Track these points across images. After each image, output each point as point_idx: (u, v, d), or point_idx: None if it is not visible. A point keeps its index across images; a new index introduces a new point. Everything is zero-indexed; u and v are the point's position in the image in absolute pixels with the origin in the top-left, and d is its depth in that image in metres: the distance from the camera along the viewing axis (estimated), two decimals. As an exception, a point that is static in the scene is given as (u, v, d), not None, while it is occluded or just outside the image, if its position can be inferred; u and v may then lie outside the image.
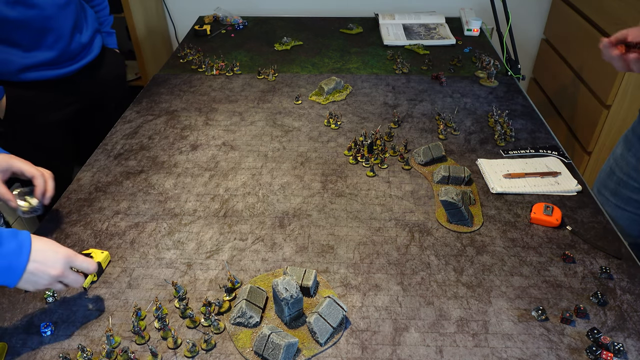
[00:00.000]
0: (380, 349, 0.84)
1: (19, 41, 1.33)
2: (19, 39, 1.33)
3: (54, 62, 1.42)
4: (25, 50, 1.36)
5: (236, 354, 0.83)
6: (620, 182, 1.15)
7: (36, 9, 1.31)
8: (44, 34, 1.36)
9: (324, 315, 0.84)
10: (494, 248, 1.04)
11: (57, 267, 0.82)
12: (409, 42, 2.00)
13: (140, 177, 1.26)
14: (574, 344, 0.84)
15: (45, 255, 0.82)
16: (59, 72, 1.45)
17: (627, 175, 1.13)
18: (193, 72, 1.79)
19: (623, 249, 1.03)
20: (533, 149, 1.35)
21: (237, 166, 1.30)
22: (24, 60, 1.36)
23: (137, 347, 0.85)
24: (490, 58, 1.78)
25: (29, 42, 1.35)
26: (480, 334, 0.86)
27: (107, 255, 1.01)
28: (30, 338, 0.86)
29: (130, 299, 0.93)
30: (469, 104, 1.57)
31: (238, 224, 1.11)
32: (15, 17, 1.28)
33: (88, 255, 0.99)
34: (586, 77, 2.01)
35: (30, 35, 1.34)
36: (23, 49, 1.35)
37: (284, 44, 2.01)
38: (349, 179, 1.24)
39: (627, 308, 0.90)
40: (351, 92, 1.65)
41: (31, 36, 1.34)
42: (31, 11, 1.30)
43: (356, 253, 1.03)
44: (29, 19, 1.31)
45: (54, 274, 0.81)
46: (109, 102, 1.68)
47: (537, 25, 2.55)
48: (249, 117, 1.51)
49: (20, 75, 1.37)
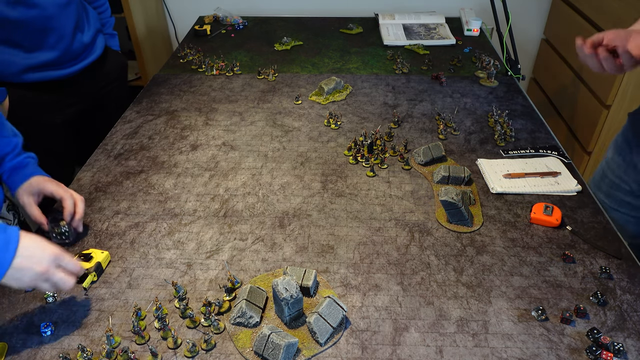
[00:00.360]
0: (380, 349, 0.84)
1: (20, 42, 1.33)
2: (20, 40, 1.33)
3: (56, 63, 1.42)
4: (27, 50, 1.35)
5: (236, 354, 0.83)
6: (613, 185, 1.17)
7: (37, 8, 1.31)
8: (46, 34, 1.36)
9: (324, 315, 0.84)
10: (494, 248, 1.04)
11: (43, 263, 0.81)
12: (409, 42, 2.00)
13: (140, 177, 1.26)
14: (574, 344, 0.84)
15: (32, 252, 0.81)
16: (61, 73, 1.45)
17: (619, 178, 1.15)
18: (193, 72, 1.79)
19: (623, 249, 1.03)
20: (533, 149, 1.35)
21: (237, 166, 1.30)
22: (26, 61, 1.36)
23: (137, 347, 0.85)
24: (490, 58, 1.78)
25: (30, 42, 1.35)
26: (480, 334, 0.86)
27: (107, 255, 1.01)
28: (30, 338, 0.86)
29: (130, 299, 0.93)
30: (469, 104, 1.57)
31: (238, 224, 1.11)
32: (16, 18, 1.28)
33: (88, 255, 0.99)
34: (586, 77, 2.01)
35: (31, 36, 1.34)
36: (25, 49, 1.35)
37: (284, 44, 2.01)
38: (349, 179, 1.25)
39: (627, 308, 0.90)
40: (351, 92, 1.65)
41: (33, 36, 1.34)
42: (32, 11, 1.30)
43: (356, 253, 1.03)
44: (30, 19, 1.31)
45: (38, 270, 0.81)
46: (110, 102, 1.68)
47: (537, 25, 2.55)
48: (249, 117, 1.51)
49: (22, 76, 1.37)
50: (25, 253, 0.80)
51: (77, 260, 0.91)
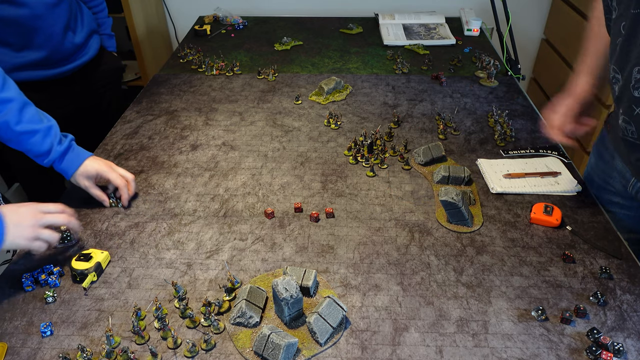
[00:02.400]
0: (380, 349, 0.84)
1: (8, 40, 1.33)
2: (7, 38, 1.32)
3: (45, 63, 1.41)
4: (16, 49, 1.35)
5: (236, 354, 0.83)
6: (600, 188, 1.19)
7: (26, 8, 1.30)
8: (33, 33, 1.36)
9: (324, 315, 0.84)
10: (493, 248, 1.04)
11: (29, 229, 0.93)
12: (409, 42, 2.00)
13: (140, 177, 1.26)
14: (574, 344, 0.84)
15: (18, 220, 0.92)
16: (51, 73, 1.44)
17: (604, 181, 1.18)
18: (193, 72, 1.79)
19: (623, 249, 1.03)
20: (533, 149, 1.34)
21: (237, 166, 1.30)
22: (14, 59, 1.35)
23: (137, 347, 0.85)
24: (490, 58, 1.78)
25: (18, 41, 1.34)
26: (480, 334, 0.86)
27: (107, 255, 1.01)
28: (30, 338, 0.86)
29: (130, 299, 0.93)
30: (469, 104, 1.57)
31: (238, 224, 1.11)
32: (4, 16, 1.27)
33: (88, 255, 0.99)
34: (586, 77, 2.01)
35: (19, 34, 1.33)
36: (13, 48, 1.34)
37: (284, 44, 2.01)
38: (349, 179, 1.24)
39: (627, 308, 0.90)
40: (351, 92, 1.65)
41: (20, 35, 1.34)
42: (20, 10, 1.30)
43: (356, 253, 1.03)
44: (18, 18, 1.30)
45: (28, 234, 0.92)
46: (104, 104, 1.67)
47: (537, 25, 2.55)
48: (249, 117, 1.51)
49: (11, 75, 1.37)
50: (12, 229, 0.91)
51: (57, 215, 0.99)
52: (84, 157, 1.14)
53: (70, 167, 1.12)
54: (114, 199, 1.17)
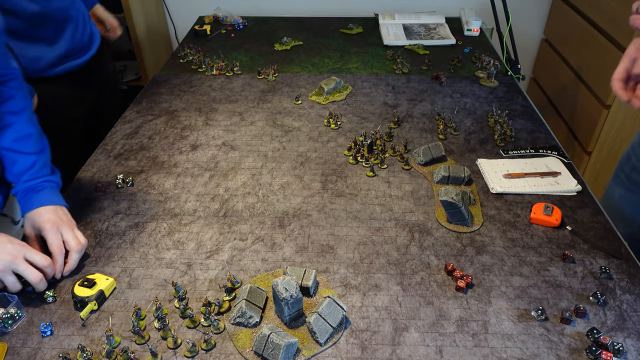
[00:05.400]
0: (380, 349, 0.84)
1: (43, 35, 1.31)
2: (43, 33, 1.31)
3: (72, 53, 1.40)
4: (50, 43, 1.33)
5: (236, 354, 0.84)
6: (634, 168, 1.17)
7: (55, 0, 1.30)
8: (64, 24, 1.35)
9: (324, 315, 0.84)
10: (493, 248, 1.04)
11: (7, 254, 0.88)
12: (409, 42, 2.00)
13: (140, 177, 1.26)
14: (573, 344, 0.84)
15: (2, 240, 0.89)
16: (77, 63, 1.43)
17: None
18: (193, 72, 1.79)
19: (623, 249, 1.03)
20: (533, 149, 1.35)
21: (237, 166, 1.30)
22: (50, 54, 1.34)
23: (137, 347, 0.85)
24: (490, 58, 1.78)
25: (52, 34, 1.33)
26: (480, 334, 0.86)
27: (112, 282, 0.94)
28: (30, 338, 0.86)
29: (130, 299, 0.93)
30: (469, 104, 1.57)
31: (238, 224, 1.11)
32: (38, 11, 1.26)
33: (92, 280, 0.92)
34: (586, 77, 2.01)
35: (52, 28, 1.32)
36: (47, 42, 1.32)
37: (284, 44, 2.01)
38: (349, 179, 1.25)
39: (626, 308, 0.90)
40: (351, 92, 1.65)
41: (53, 28, 1.32)
42: (52, 3, 1.29)
43: (356, 253, 1.03)
44: (51, 11, 1.29)
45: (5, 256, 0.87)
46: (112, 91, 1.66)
47: (537, 25, 2.55)
48: (249, 117, 1.51)
49: (48, 71, 1.35)
50: None
51: (42, 256, 0.92)
52: (44, 204, 0.99)
53: (25, 206, 1.01)
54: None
